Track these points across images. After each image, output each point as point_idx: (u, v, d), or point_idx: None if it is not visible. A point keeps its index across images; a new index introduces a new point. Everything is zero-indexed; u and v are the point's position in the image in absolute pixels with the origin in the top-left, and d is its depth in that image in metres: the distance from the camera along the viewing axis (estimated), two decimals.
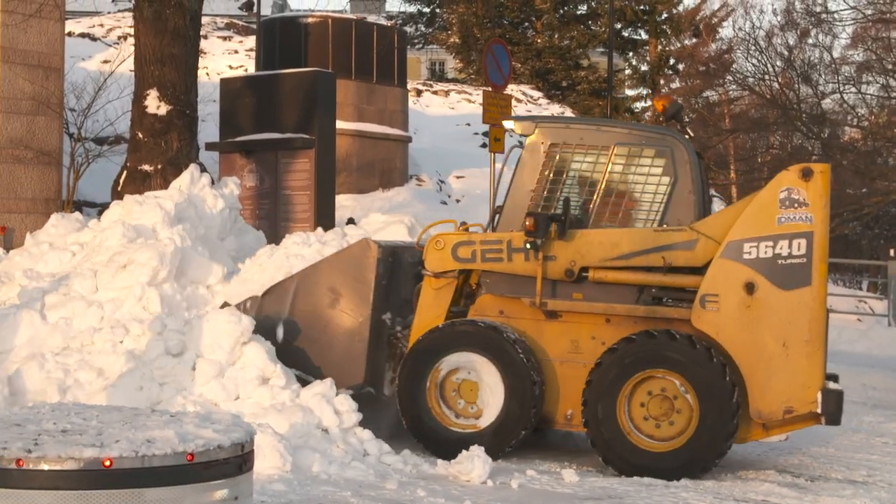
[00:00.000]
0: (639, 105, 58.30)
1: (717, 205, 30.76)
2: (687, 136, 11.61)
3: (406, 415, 11.55)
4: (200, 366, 11.14)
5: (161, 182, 17.24)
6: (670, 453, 10.83)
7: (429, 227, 12.54)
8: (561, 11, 53.04)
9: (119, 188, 17.96)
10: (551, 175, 11.66)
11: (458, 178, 36.09)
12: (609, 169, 11.49)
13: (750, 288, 10.77)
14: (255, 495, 8.66)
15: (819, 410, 10.67)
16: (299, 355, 11.86)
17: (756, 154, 49.54)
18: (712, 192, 11.78)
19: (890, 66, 38.46)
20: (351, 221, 25.92)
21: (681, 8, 57.29)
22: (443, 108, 42.56)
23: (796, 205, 10.69)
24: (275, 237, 20.33)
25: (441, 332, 11.59)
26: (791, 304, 10.70)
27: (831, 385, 10.81)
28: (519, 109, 40.63)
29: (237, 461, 5.93)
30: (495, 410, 11.32)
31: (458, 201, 34.56)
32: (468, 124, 40.18)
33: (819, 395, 10.65)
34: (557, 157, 11.68)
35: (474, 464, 10.25)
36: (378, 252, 11.75)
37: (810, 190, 10.70)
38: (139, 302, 11.86)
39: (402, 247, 12.39)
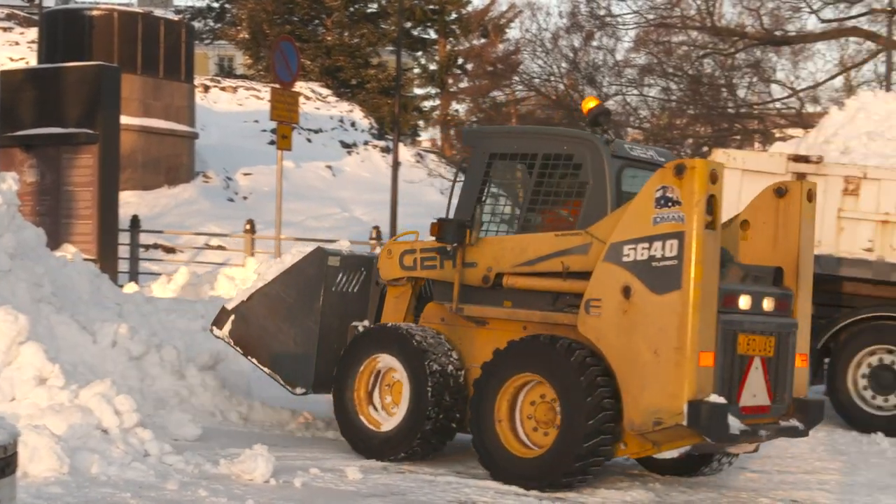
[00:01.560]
0: (427, 104, 58.72)
1: None
2: (606, 141, 11.21)
3: (334, 390, 11.89)
4: None
5: None
6: (522, 459, 10.63)
7: (396, 236, 12.59)
8: (351, 9, 53.07)
9: None
10: (490, 184, 11.68)
11: (245, 175, 35.92)
12: (536, 176, 11.33)
13: (626, 292, 10.20)
14: (30, 499, 8.50)
15: (685, 423, 9.84)
16: (268, 358, 12.52)
17: None
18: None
19: (670, 70, 39.51)
20: (135, 219, 25.64)
21: (470, 8, 57.93)
22: (231, 105, 42.27)
23: (670, 203, 10.04)
24: (56, 234, 20.00)
25: (388, 330, 11.78)
26: (663, 308, 10.02)
27: (713, 398, 9.94)
28: (307, 107, 40.59)
29: None
30: (394, 423, 11.51)
31: (245, 198, 34.40)
32: (256, 121, 40.01)
33: (685, 407, 9.84)
34: (495, 167, 11.67)
35: (257, 462, 10.19)
36: (334, 261, 12.25)
37: (683, 187, 10.01)
38: None
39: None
